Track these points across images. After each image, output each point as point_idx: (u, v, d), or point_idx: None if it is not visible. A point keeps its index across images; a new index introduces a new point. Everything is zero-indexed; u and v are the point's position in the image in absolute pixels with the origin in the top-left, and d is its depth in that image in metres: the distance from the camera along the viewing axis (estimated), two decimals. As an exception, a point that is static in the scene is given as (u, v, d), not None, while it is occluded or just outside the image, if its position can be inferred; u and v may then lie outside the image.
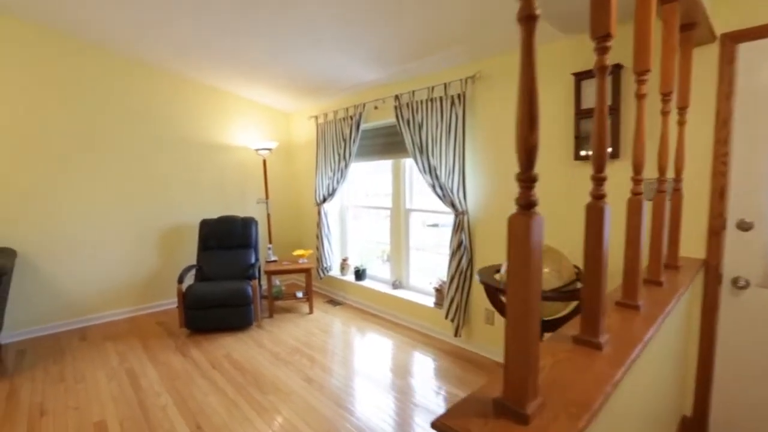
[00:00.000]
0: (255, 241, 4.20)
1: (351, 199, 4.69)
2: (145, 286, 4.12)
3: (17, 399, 2.55)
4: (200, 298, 3.45)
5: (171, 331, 3.62)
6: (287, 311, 4.14)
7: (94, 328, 3.74)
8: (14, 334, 3.45)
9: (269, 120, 4.94)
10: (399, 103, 3.45)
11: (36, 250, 3.52)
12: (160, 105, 4.10)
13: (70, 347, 3.31)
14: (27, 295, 3.50)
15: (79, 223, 3.71)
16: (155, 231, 4.14)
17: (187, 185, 4.33)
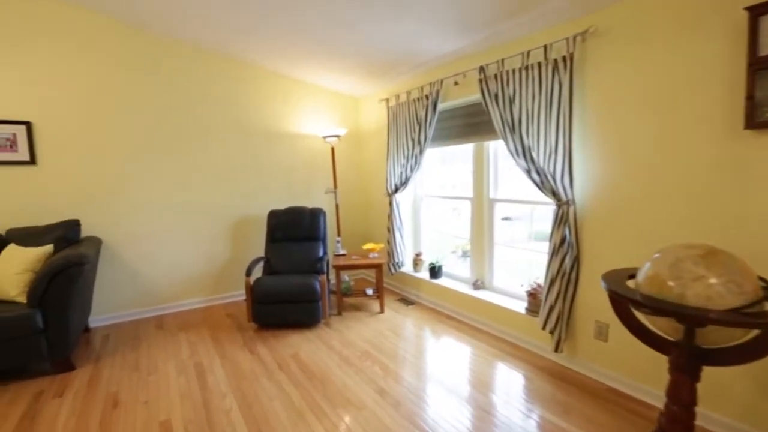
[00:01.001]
0: (323, 233, 3.98)
1: (425, 188, 4.28)
2: (217, 276, 4.10)
3: (96, 385, 2.54)
4: (267, 293, 3.29)
5: (239, 325, 3.53)
6: (356, 309, 3.87)
7: (170, 316, 3.78)
8: (101, 318, 3.58)
9: (337, 106, 4.69)
10: (485, 75, 2.96)
11: (118, 239, 3.62)
12: (232, 94, 4.02)
13: (147, 335, 3.34)
14: (112, 282, 3.61)
15: (156, 213, 3.75)
16: (227, 222, 4.10)
17: (257, 175, 4.23)
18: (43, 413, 2.28)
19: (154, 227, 3.75)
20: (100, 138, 3.47)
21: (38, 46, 3.19)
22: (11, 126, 3.13)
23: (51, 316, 2.64)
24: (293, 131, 4.41)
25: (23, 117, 3.18)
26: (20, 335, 2.55)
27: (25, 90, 3.17)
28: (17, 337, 2.55)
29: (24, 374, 2.71)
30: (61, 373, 2.73)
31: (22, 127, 3.17)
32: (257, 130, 4.19)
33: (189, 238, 3.92)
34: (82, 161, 3.42)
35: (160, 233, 3.78)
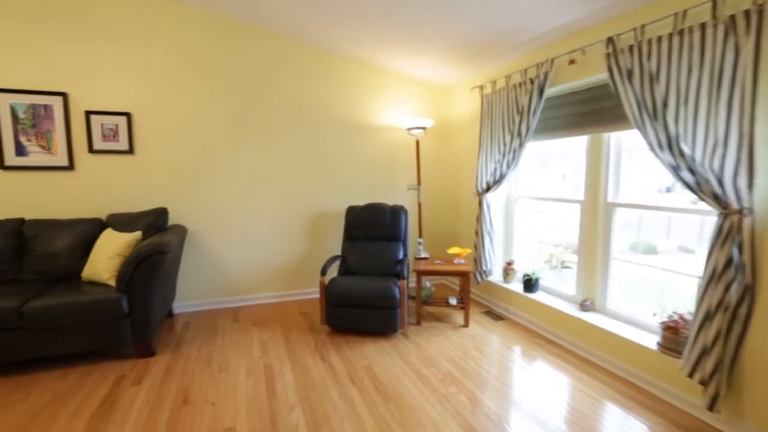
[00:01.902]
0: (404, 233, 3.65)
1: (520, 188, 3.73)
2: (292, 272, 3.99)
3: (171, 377, 2.49)
4: (342, 296, 3.05)
5: (312, 325, 3.34)
6: (437, 319, 3.48)
7: (245, 309, 3.74)
8: (184, 305, 3.65)
9: (423, 96, 4.32)
10: (614, 48, 2.37)
11: (202, 228, 3.65)
12: (315, 84, 3.87)
13: (223, 327, 3.30)
14: (195, 270, 3.66)
15: (238, 204, 3.73)
16: (305, 216, 3.97)
17: (337, 168, 4.04)
18: (120, 399, 2.25)
19: (235, 218, 3.74)
20: (189, 129, 3.52)
21: (136, 40, 3.29)
22: (115, 117, 3.28)
23: (135, 301, 2.66)
24: (376, 123, 4.14)
25: (125, 108, 3.31)
26: (108, 318, 2.60)
27: (126, 83, 3.30)
28: (105, 319, 2.60)
29: (112, 356, 2.77)
30: (143, 358, 2.75)
31: (123, 118, 3.30)
32: (339, 122, 3.99)
33: (267, 230, 3.86)
34: (172, 151, 3.49)
35: (240, 224, 3.76)
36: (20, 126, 3.09)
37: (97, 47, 3.19)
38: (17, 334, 2.47)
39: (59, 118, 3.16)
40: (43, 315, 2.48)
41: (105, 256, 2.81)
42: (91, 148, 3.25)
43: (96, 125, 3.24)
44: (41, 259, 2.95)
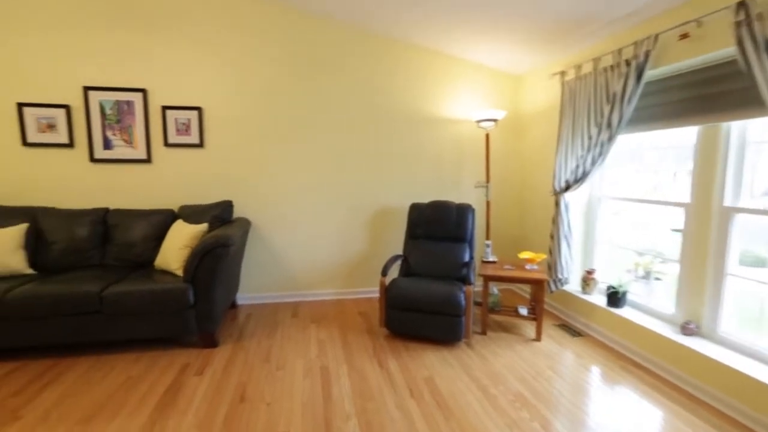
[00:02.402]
0: (470, 234, 3.38)
1: (606, 187, 3.28)
2: (352, 269, 3.90)
3: (231, 371, 2.49)
4: (403, 298, 2.88)
5: (370, 327, 3.21)
6: (504, 330, 3.18)
7: (305, 305, 3.72)
8: (247, 297, 3.72)
9: (494, 85, 3.98)
10: (748, 15, 1.91)
11: (264, 222, 3.68)
12: (380, 76, 3.72)
13: (283, 322, 3.29)
14: (258, 263, 3.71)
15: (300, 199, 3.71)
16: (366, 212, 3.85)
17: (400, 163, 3.86)
18: (183, 389, 2.29)
19: (297, 213, 3.72)
20: (254, 123, 3.54)
21: (207, 36, 3.36)
22: (188, 111, 3.39)
23: (200, 292, 2.71)
24: (443, 115, 3.89)
25: (196, 103, 3.41)
26: (175, 307, 2.67)
27: (198, 78, 3.39)
28: (173, 308, 2.67)
29: (180, 343, 2.86)
30: (207, 348, 2.81)
31: (194, 113, 3.40)
32: (404, 115, 3.81)
33: (328, 226, 3.80)
34: (238, 145, 3.54)
35: (301, 219, 3.74)
36: (107, 121, 3.30)
37: (172, 44, 3.31)
38: (98, 317, 2.62)
39: (139, 114, 3.33)
40: (119, 301, 2.60)
41: (175, 247, 2.90)
42: (166, 141, 3.39)
43: (171, 119, 3.38)
44: (120, 247, 3.14)
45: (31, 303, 2.51)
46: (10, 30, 3.09)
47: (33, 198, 3.28)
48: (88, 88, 3.22)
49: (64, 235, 3.05)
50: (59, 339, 2.60)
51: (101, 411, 2.11)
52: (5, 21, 3.08)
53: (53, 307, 2.54)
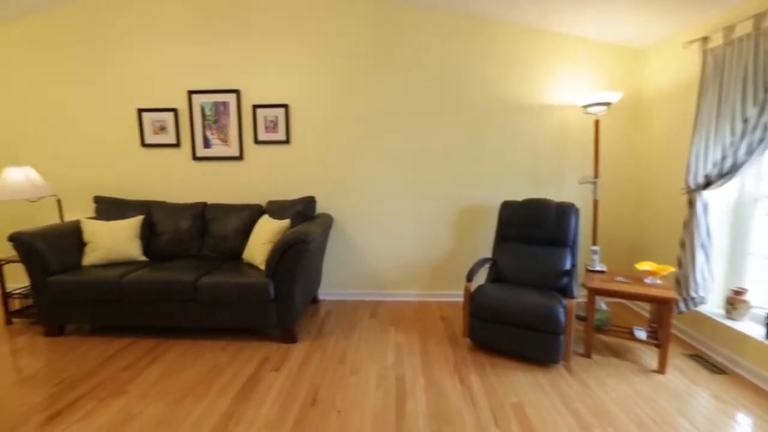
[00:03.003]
0: (573, 237, 2.91)
1: (766, 185, 2.53)
2: (436, 270, 3.66)
3: (306, 370, 2.46)
4: (490, 308, 2.56)
5: (452, 335, 2.95)
6: (614, 354, 2.67)
7: (385, 305, 3.59)
8: (328, 292, 3.72)
9: (608, 63, 3.37)
10: None
11: (346, 218, 3.63)
12: (470, 61, 3.39)
13: (361, 322, 3.20)
14: (339, 259, 3.68)
15: (382, 195, 3.58)
16: (453, 210, 3.57)
17: (490, 156, 3.50)
18: (260, 383, 2.30)
19: (379, 209, 3.60)
20: (336, 119, 3.49)
21: (292, 33, 3.39)
22: (275, 109, 3.48)
23: (280, 287, 2.73)
24: (542, 101, 3.42)
25: (283, 101, 3.48)
26: (257, 301, 2.73)
27: (285, 76, 3.45)
28: (256, 301, 2.74)
29: (262, 335, 2.94)
30: (286, 343, 2.83)
31: (281, 110, 3.47)
32: (495, 103, 3.43)
33: (412, 223, 3.61)
34: (322, 141, 3.53)
35: (383, 216, 3.61)
36: (206, 122, 3.53)
37: (262, 44, 3.41)
38: (192, 304, 2.80)
39: (233, 113, 3.50)
40: (210, 290, 2.74)
41: (259, 241, 2.98)
42: (256, 139, 3.52)
43: (260, 118, 3.49)
44: (215, 239, 3.34)
45: (142, 287, 2.77)
46: (132, 49, 3.47)
47: (148, 192, 3.67)
48: (191, 92, 3.48)
49: (170, 227, 3.35)
50: (163, 322, 2.83)
51: (190, 393, 2.21)
52: (128, 42, 3.46)
53: (158, 292, 2.77)
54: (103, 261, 3.07)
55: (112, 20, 3.46)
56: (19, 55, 3.56)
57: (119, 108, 3.57)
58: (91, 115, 3.60)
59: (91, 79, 3.55)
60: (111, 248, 3.08)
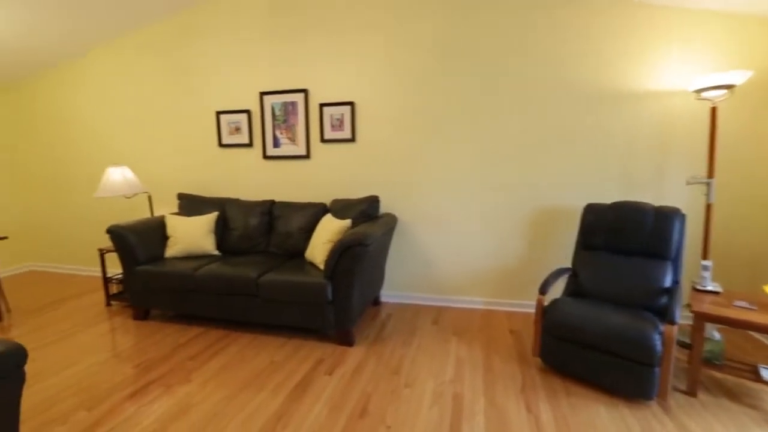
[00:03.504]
0: (676, 249, 2.42)
1: None
2: (506, 277, 3.34)
3: (359, 376, 2.37)
4: (567, 326, 2.23)
5: (521, 352, 2.64)
6: (728, 395, 2.16)
7: (449, 311, 3.37)
8: (391, 294, 3.61)
9: (728, 38, 2.75)
10: None
11: (411, 218, 3.48)
12: (551, 47, 3.01)
13: (422, 329, 3.03)
14: (402, 261, 3.55)
15: (449, 194, 3.36)
16: (527, 211, 3.23)
17: (574, 152, 3.08)
18: (312, 386, 2.26)
19: (446, 210, 3.39)
20: (404, 114, 3.35)
21: (359, 29, 3.31)
22: (341, 107, 3.44)
23: (337, 289, 2.68)
24: (641, 88, 2.92)
25: (349, 98, 3.43)
26: (316, 301, 2.71)
27: (351, 72, 3.39)
28: (314, 301, 2.72)
29: (320, 335, 2.92)
30: (342, 345, 2.77)
31: (347, 108, 3.43)
32: (581, 90, 3.01)
33: (481, 225, 3.33)
34: (387, 138, 3.41)
35: (450, 217, 3.39)
36: (276, 122, 3.63)
37: (329, 41, 3.39)
38: (255, 300, 2.87)
39: (301, 113, 3.55)
40: (270, 287, 2.79)
41: (320, 241, 2.96)
42: (322, 137, 3.53)
43: (327, 116, 3.49)
44: (281, 236, 3.41)
45: (212, 281, 2.92)
46: (212, 56, 3.69)
47: (223, 190, 3.89)
48: (263, 93, 3.60)
49: (241, 224, 3.50)
50: (231, 314, 2.95)
51: (245, 389, 2.25)
52: (209, 50, 3.69)
53: (226, 286, 2.89)
54: (182, 254, 3.30)
55: (197, 31, 3.71)
56: (125, 64, 3.99)
57: (201, 111, 3.83)
58: (178, 119, 3.92)
59: (178, 86, 3.86)
60: (189, 242, 3.31)
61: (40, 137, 4.51)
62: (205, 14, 3.67)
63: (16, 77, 4.31)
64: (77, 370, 2.50)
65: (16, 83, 4.44)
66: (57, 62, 4.16)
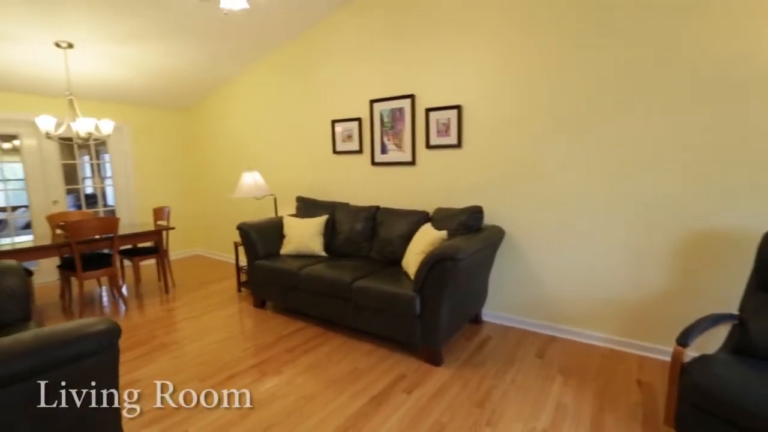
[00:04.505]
0: None
1: None
2: (639, 312, 2.69)
3: (437, 401, 2.19)
4: (720, 399, 1.64)
5: (648, 416, 2.06)
6: None
7: (558, 343, 2.88)
8: (494, 314, 3.28)
9: None
10: None
11: (520, 232, 3.09)
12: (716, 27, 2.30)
13: (522, 360, 2.65)
14: (510, 278, 3.18)
15: (568, 207, 2.87)
16: (671, 233, 2.54)
17: (746, 159, 2.29)
18: (387, 402, 2.18)
19: (564, 224, 2.91)
20: (516, 115, 2.99)
21: (467, 27, 3.07)
22: (447, 111, 3.27)
23: (426, 304, 2.53)
24: None
25: (455, 101, 3.24)
26: (403, 313, 2.62)
27: (457, 74, 3.19)
28: (401, 314, 2.63)
29: (407, 348, 2.82)
30: (428, 363, 2.61)
31: (454, 112, 3.24)
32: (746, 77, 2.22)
33: (607, 245, 2.76)
34: (497, 143, 3.10)
35: (569, 233, 2.90)
36: (384, 128, 3.67)
37: (436, 44, 3.26)
38: (348, 304, 2.93)
39: (407, 118, 3.50)
40: (362, 294, 2.80)
41: (415, 251, 2.85)
42: (428, 143, 3.42)
43: (433, 121, 3.36)
44: (382, 243, 3.42)
45: (313, 281, 3.09)
46: (329, 68, 3.94)
47: (336, 194, 4.12)
48: (373, 101, 3.68)
49: (347, 227, 3.63)
50: (327, 315, 3.08)
51: (324, 391, 2.30)
52: (326, 63, 3.94)
53: (324, 287, 3.03)
54: (293, 252, 3.59)
55: (316, 49, 4.02)
56: (260, 84, 4.58)
57: (319, 120, 4.14)
58: (300, 128, 4.31)
59: (301, 98, 4.24)
60: (299, 242, 3.58)
61: (200, 148, 5.56)
62: (322, 33, 3.95)
63: (189, 101, 5.37)
64: (202, 344, 2.93)
65: (188, 105, 5.54)
66: (216, 87, 5.03)
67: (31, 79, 3.98)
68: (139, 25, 3.32)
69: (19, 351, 1.15)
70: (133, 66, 4.06)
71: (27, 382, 1.17)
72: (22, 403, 1.16)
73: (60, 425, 1.25)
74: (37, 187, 4.51)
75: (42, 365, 1.18)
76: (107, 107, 4.93)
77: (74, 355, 1.24)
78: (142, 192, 5.37)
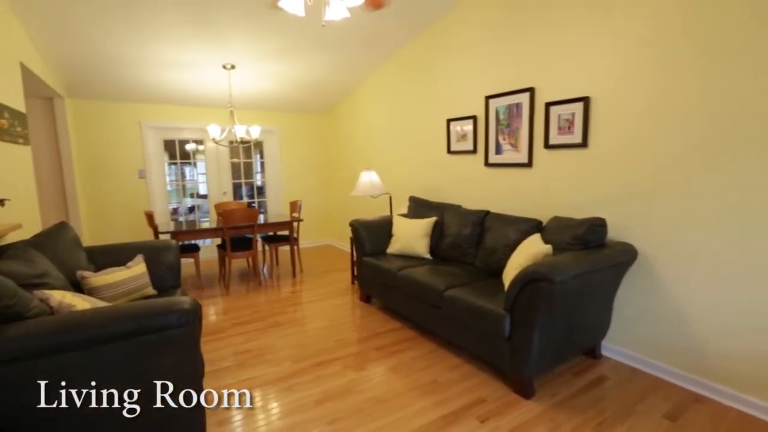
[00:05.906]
0: None
1: None
2: None
3: (516, 440, 1.93)
4: None
5: None
6: None
7: (705, 405, 2.17)
8: (615, 349, 2.70)
9: None
10: None
11: (657, 253, 2.44)
12: None
13: (644, 417, 2.10)
14: (641, 308, 2.57)
15: (733, 225, 2.14)
16: None
17: None
18: (453, 428, 2.02)
19: (723, 250, 2.18)
20: (661, 109, 2.36)
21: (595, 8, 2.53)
22: (572, 105, 2.80)
23: (516, 325, 2.25)
24: None
25: (582, 93, 2.74)
26: (490, 332, 2.38)
27: (585, 60, 2.69)
28: (489, 332, 2.39)
29: (497, 371, 2.55)
30: (516, 393, 2.32)
31: (579, 105, 2.75)
32: None
33: (797, 289, 1.96)
34: (632, 143, 2.50)
35: (730, 260, 2.15)
36: (499, 126, 3.37)
37: (558, 30, 2.80)
38: (438, 312, 2.82)
39: (525, 115, 3.14)
40: (451, 304, 2.66)
41: (513, 265, 2.55)
42: (546, 143, 3.00)
43: (554, 117, 2.93)
44: (486, 251, 3.16)
45: (408, 283, 3.08)
46: (445, 65, 3.80)
47: (447, 196, 3.98)
48: (488, 97, 3.41)
49: (454, 231, 3.49)
50: (420, 320, 3.03)
51: (396, 398, 2.27)
52: (443, 60, 3.81)
53: (418, 291, 2.98)
54: (398, 252, 3.64)
55: (434, 47, 3.93)
56: (384, 84, 4.74)
57: (435, 120, 4.06)
58: (417, 128, 4.31)
59: (419, 97, 4.23)
60: (404, 243, 3.60)
61: (333, 147, 6.11)
62: (440, 32, 3.83)
63: (329, 104, 5.93)
64: (307, 329, 3.24)
65: (328, 108, 6.13)
66: (351, 90, 5.43)
67: (206, 95, 5.02)
68: (280, 43, 3.83)
69: (121, 316, 1.46)
70: (279, 78, 4.71)
71: (127, 341, 1.48)
72: (120, 360, 1.47)
73: (150, 377, 1.55)
74: (213, 181, 5.71)
75: (137, 330, 1.48)
76: (260, 114, 5.86)
77: (159, 325, 1.51)
78: (288, 186, 6.23)
